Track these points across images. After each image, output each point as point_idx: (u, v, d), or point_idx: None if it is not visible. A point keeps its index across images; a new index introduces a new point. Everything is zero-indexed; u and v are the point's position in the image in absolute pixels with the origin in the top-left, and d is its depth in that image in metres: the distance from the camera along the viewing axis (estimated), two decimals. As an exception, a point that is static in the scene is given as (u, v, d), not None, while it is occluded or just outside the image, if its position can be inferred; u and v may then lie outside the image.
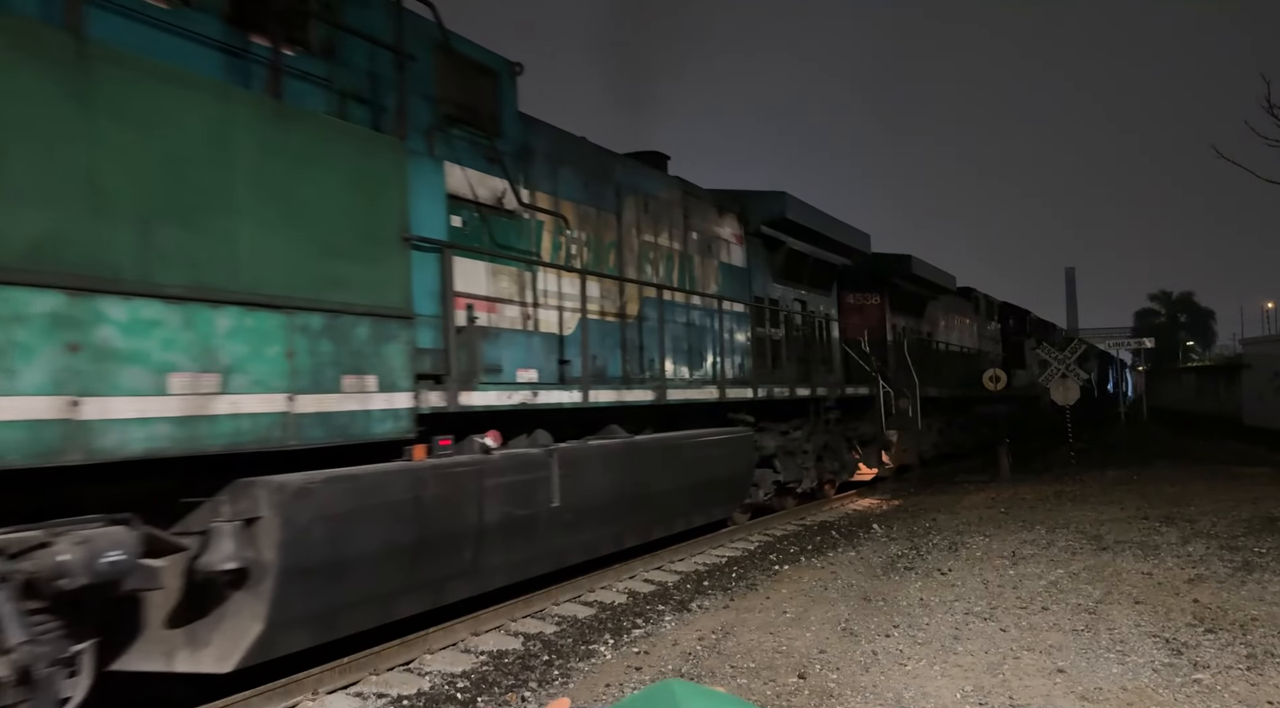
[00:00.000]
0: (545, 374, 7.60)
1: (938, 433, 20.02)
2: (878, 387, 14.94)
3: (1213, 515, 11.26)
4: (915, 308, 19.16)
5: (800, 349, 13.15)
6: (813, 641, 6.26)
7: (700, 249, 10.84)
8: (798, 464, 12.44)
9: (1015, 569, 8.41)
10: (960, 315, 23.42)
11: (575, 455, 7.51)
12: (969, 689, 5.11)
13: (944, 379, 19.93)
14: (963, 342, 23.35)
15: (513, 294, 7.50)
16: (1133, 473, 17.41)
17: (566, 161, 8.48)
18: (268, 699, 5.24)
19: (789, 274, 13.23)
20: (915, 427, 16.62)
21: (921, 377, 17.11)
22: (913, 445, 17.40)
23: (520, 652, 6.39)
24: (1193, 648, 5.75)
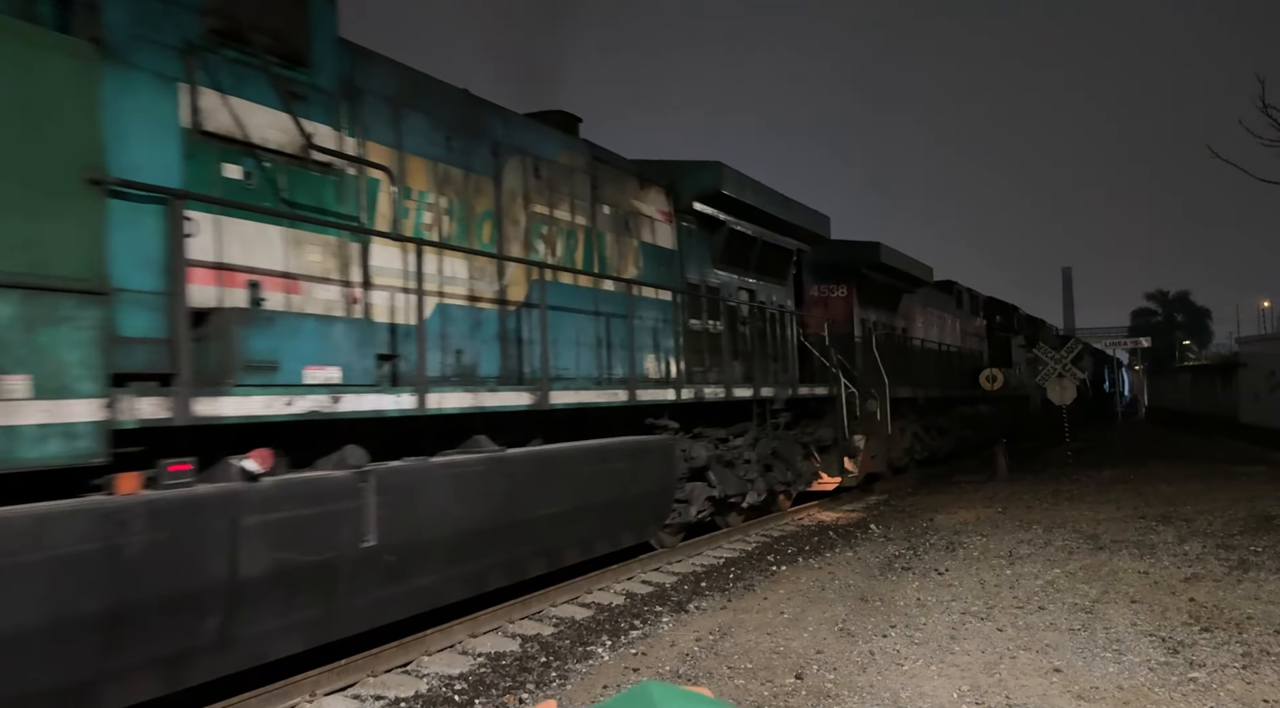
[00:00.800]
0: (355, 373, 5.51)
1: (912, 437, 18.32)
2: (839, 387, 13.43)
3: (1209, 514, 11.28)
4: (887, 301, 17.70)
5: (747, 345, 11.59)
6: (810, 641, 6.28)
7: (614, 226, 9.21)
8: (739, 476, 10.76)
9: (1012, 569, 8.43)
10: (940, 311, 21.83)
11: (407, 478, 5.82)
12: (966, 689, 5.12)
13: (921, 379, 18.47)
14: (943, 338, 21.67)
15: (329, 270, 5.78)
16: (1129, 472, 17.44)
17: (416, 108, 6.78)
18: (265, 701, 5.24)
19: (733, 259, 11.69)
20: (884, 431, 15.16)
21: (894, 376, 15.81)
22: (881, 451, 15.62)
23: (518, 654, 6.40)
24: (1189, 647, 5.77)
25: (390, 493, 5.61)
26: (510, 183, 7.82)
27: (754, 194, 11.53)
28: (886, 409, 15.05)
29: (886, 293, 17.57)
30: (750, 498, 11.17)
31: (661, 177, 10.35)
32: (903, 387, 16.47)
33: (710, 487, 10.10)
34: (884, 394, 14.97)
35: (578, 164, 8.86)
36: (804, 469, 12.83)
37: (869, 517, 12.87)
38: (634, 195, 9.71)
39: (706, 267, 11.10)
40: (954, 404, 21.16)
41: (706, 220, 11.08)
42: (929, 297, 20.87)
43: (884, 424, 15.09)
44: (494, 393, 6.76)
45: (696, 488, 9.91)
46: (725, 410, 10.71)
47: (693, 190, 10.61)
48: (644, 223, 9.82)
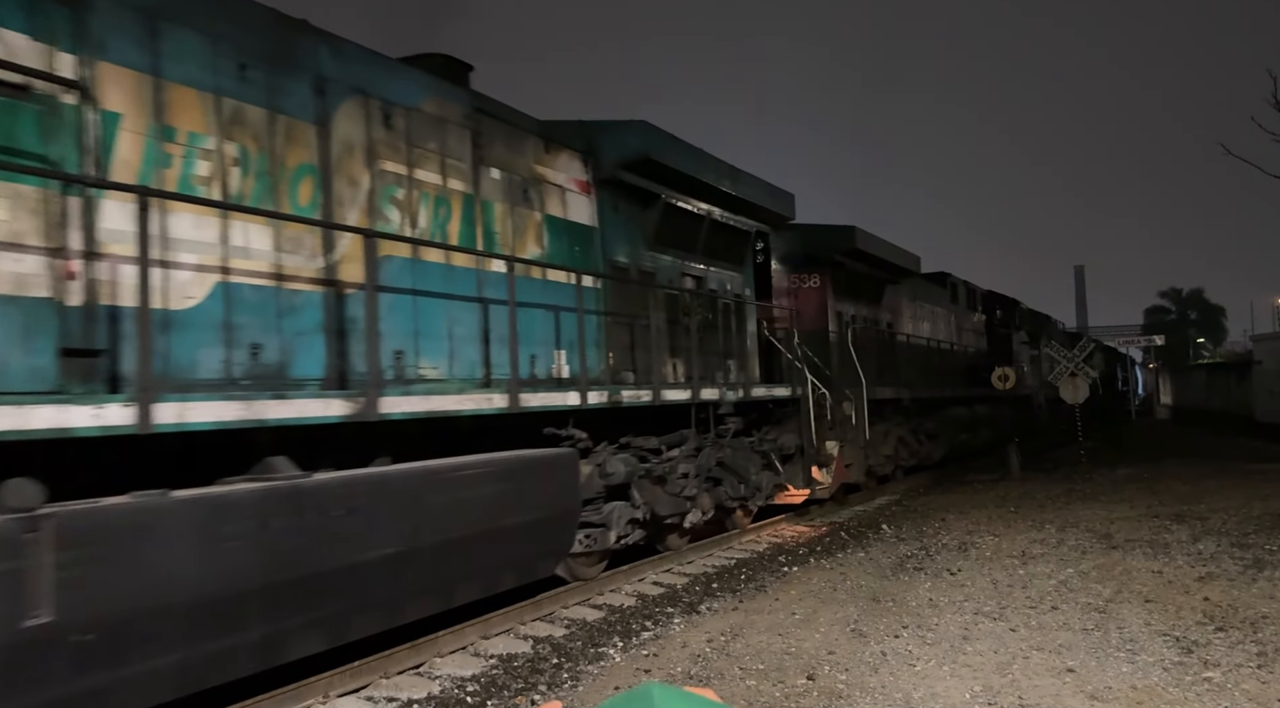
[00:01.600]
0: (13, 374, 4.06)
1: (897, 442, 16.53)
2: (806, 387, 11.86)
3: (1223, 513, 11.22)
4: (869, 293, 16.14)
5: (689, 340, 9.68)
6: (821, 642, 6.27)
7: (506, 194, 7.54)
8: (674, 493, 9.03)
9: (1025, 569, 8.40)
10: (933, 305, 20.22)
11: (114, 523, 4.11)
12: (978, 689, 5.11)
13: (908, 378, 17.07)
14: (936, 334, 20.08)
15: (21, 234, 4.20)
16: (1143, 471, 17.35)
17: (186, 24, 5.17)
18: (278, 703, 5.27)
19: (674, 239, 10.05)
20: (861, 436, 13.56)
21: (875, 375, 14.55)
22: (859, 459, 13.93)
23: (530, 655, 6.41)
24: (1203, 646, 5.74)
25: (81, 546, 3.92)
26: (345, 132, 6.13)
27: (693, 162, 9.84)
28: (864, 412, 13.52)
29: (868, 284, 16.07)
30: (693, 517, 9.53)
31: (575, 139, 8.64)
32: (885, 387, 15.23)
33: (634, 507, 8.38)
34: (861, 395, 13.50)
35: (452, 115, 7.08)
36: (764, 481, 11.00)
37: (881, 517, 12.83)
38: (537, 159, 8.00)
39: (639, 247, 9.45)
40: (947, 406, 19.65)
41: (637, 193, 9.40)
42: (919, 289, 19.37)
43: (860, 429, 13.50)
44: (288, 401, 4.95)
45: (617, 509, 8.17)
46: (662, 417, 9.10)
47: (615, 156, 8.87)
48: (551, 193, 8.15)
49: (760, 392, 11.01)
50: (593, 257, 8.67)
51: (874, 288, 16.42)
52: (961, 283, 22.84)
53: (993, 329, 25.04)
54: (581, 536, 7.87)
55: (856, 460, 13.78)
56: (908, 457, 17.22)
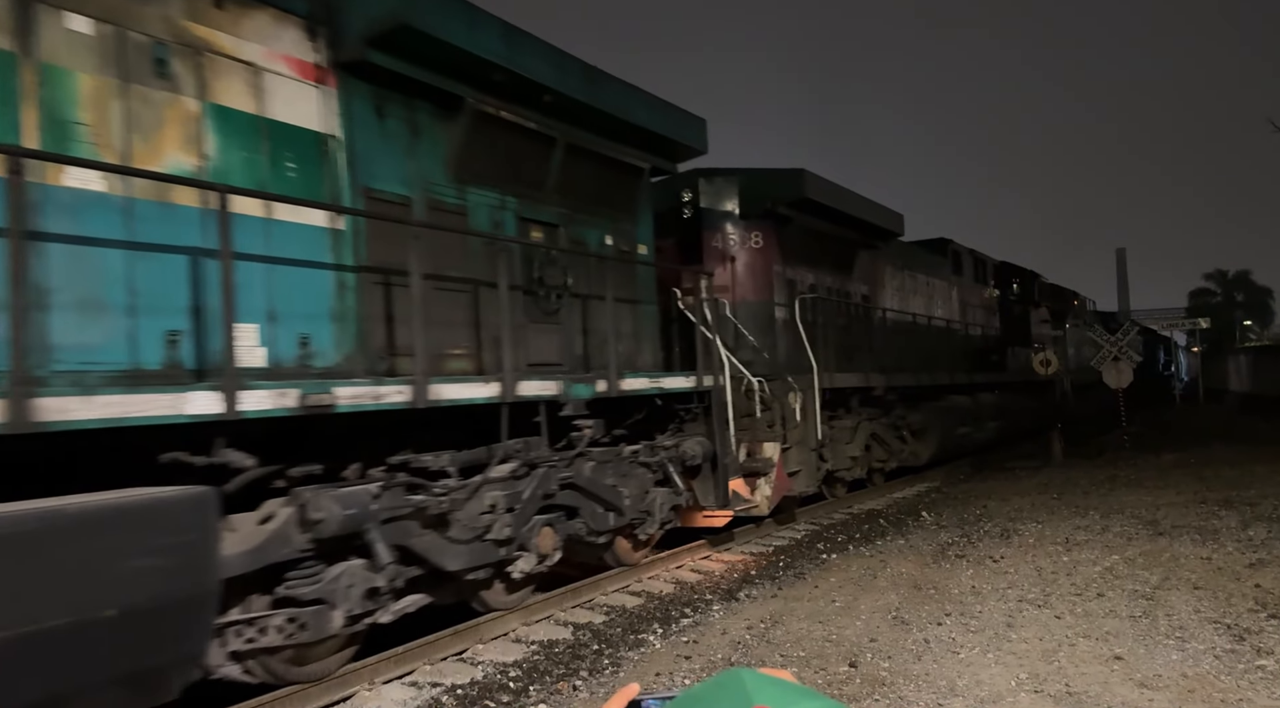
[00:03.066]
0: None
1: (869, 440, 13.54)
2: (723, 375, 9.06)
3: (1274, 498, 10.98)
4: (833, 258, 13.17)
5: (503, 308, 6.36)
6: (863, 629, 6.24)
7: (110, 61, 4.63)
8: (470, 536, 6.05)
9: (1069, 556, 8.29)
10: (928, 276, 17.24)
11: None
12: (1024, 677, 5.05)
13: (889, 361, 14.27)
14: (932, 310, 17.15)
15: None
16: (1189, 456, 17.02)
17: None
18: (326, 690, 5.36)
19: (499, 169, 7.03)
20: (812, 434, 10.88)
21: (839, 358, 12.40)
22: (809, 463, 10.97)
23: (570, 641, 6.45)
24: (1255, 634, 5.63)
25: None
26: None
27: (506, 46, 6.63)
28: (815, 404, 10.85)
29: (831, 246, 13.12)
30: (526, 564, 6.54)
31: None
32: (852, 372, 12.71)
33: (380, 569, 5.34)
34: (812, 384, 10.84)
35: None
36: (654, 505, 8.07)
37: (920, 504, 12.72)
38: (194, 13, 5.06)
39: (432, 174, 6.46)
40: (942, 394, 16.42)
41: (424, 94, 6.40)
42: (910, 257, 16.60)
43: (810, 425, 10.85)
44: None
45: (345, 575, 5.22)
46: (475, 422, 6.18)
47: (367, 26, 5.79)
48: (227, 73, 5.19)
49: (638, 383, 7.82)
50: (329, 181, 5.73)
51: (841, 252, 13.42)
52: (967, 252, 19.89)
53: (1007, 306, 22.12)
54: (280, 620, 4.97)
55: (807, 465, 10.88)
56: (885, 457, 14.25)
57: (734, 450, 9.28)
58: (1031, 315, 23.48)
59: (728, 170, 11.45)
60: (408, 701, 5.38)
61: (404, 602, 5.69)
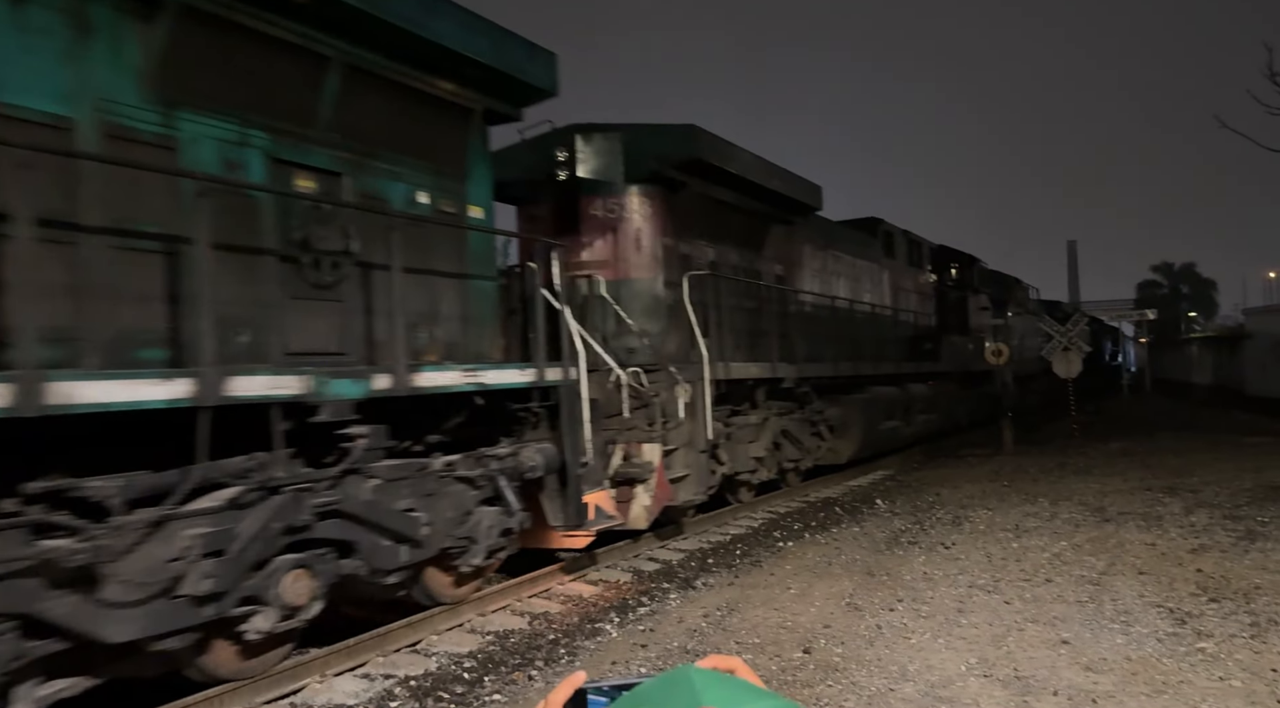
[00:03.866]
0: None
1: (781, 438, 12.12)
2: (575, 366, 7.46)
3: (1216, 485, 11.27)
4: (739, 233, 11.70)
5: (293, 284, 5.53)
6: (817, 616, 6.29)
7: None
8: (141, 596, 4.32)
9: (1019, 542, 8.43)
10: (856, 256, 15.79)
11: None
12: (974, 662, 5.13)
13: (805, 350, 12.85)
14: (859, 294, 15.71)
15: None
16: (1135, 444, 17.42)
17: None
18: (276, 683, 5.28)
19: (230, 87, 5.25)
20: (701, 434, 9.40)
21: (741, 345, 11.05)
22: (699, 466, 9.46)
23: (527, 631, 6.43)
24: (1196, 617, 5.77)
25: None
26: None
27: None
28: (704, 399, 9.37)
29: (738, 219, 11.65)
30: (263, 622, 4.97)
31: None
32: (757, 362, 11.30)
33: None
34: (702, 376, 9.40)
35: None
36: (479, 529, 6.50)
37: (874, 492, 12.86)
38: None
39: (116, 89, 4.70)
40: (867, 385, 15.08)
41: None
42: (835, 236, 15.15)
43: (700, 423, 9.37)
44: None
45: None
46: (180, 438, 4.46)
47: None
48: None
49: (444, 378, 6.06)
50: None
51: (748, 226, 11.93)
52: (900, 233, 18.43)
53: (945, 291, 20.77)
54: None
55: (696, 469, 9.38)
56: (798, 455, 12.79)
57: (591, 456, 7.48)
58: (970, 302, 22.14)
59: (610, 126, 9.74)
60: (359, 693, 5.32)
61: (45, 691, 4.14)
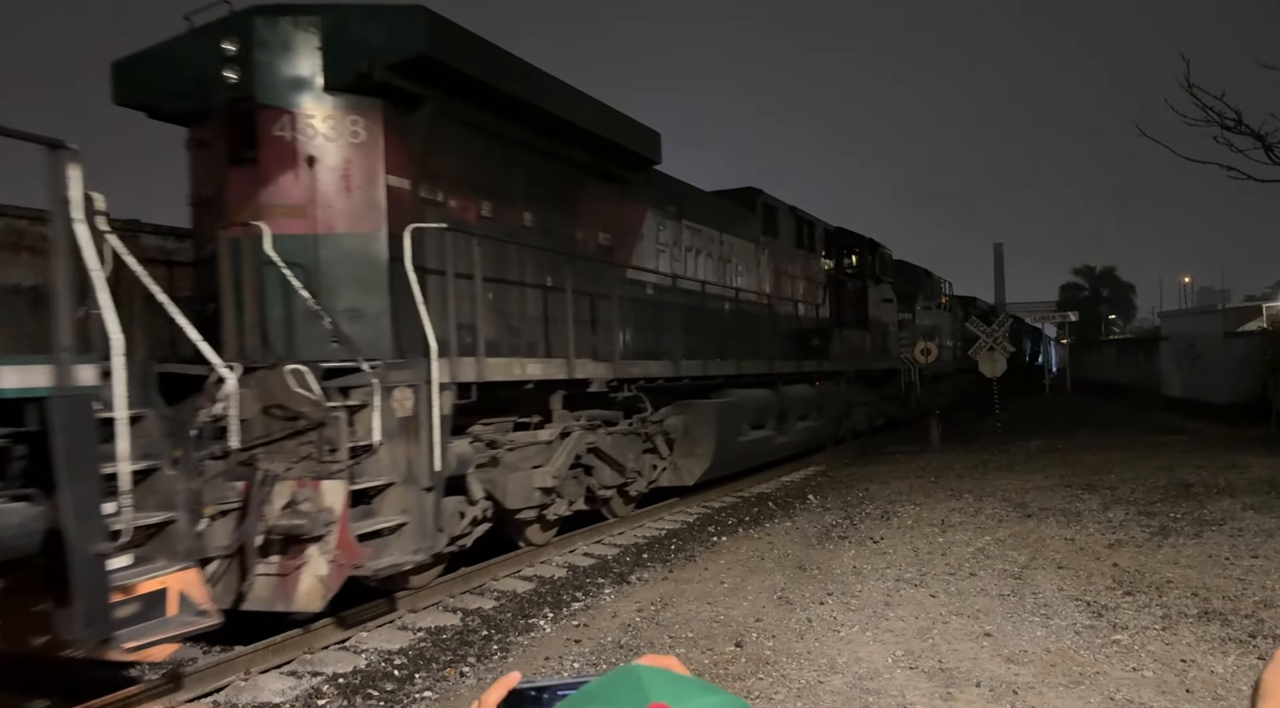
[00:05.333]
0: None
1: (590, 458, 9.25)
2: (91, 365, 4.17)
3: (1132, 483, 11.69)
4: (531, 183, 8.49)
5: None
6: (749, 609, 6.36)
7: None
8: None
9: (944, 537, 8.64)
10: (725, 232, 13.03)
11: None
12: (900, 654, 5.24)
13: (636, 343, 10.14)
14: (727, 278, 12.98)
15: None
16: (1056, 442, 17.96)
17: None
18: (198, 681, 5.15)
19: None
20: (426, 464, 6.26)
21: (526, 333, 8.27)
22: (425, 513, 6.31)
23: (459, 628, 6.37)
24: (1112, 610, 5.98)
25: None
26: None
27: None
28: (434, 412, 6.24)
29: (533, 167, 8.49)
30: None
31: None
32: (535, 358, 8.17)
33: None
34: (428, 376, 6.26)
35: None
36: None
37: (807, 487, 13.04)
38: None
39: None
40: (726, 388, 12.21)
41: None
42: (695, 205, 12.19)
43: (425, 448, 6.26)
44: None
45: None
46: None
47: None
48: None
49: None
50: None
51: (552, 178, 8.80)
52: (786, 209, 15.49)
53: (842, 280, 18.25)
54: None
55: (418, 515, 6.28)
56: (619, 480, 9.75)
57: (115, 515, 4.24)
58: (870, 293, 19.60)
59: (304, 7, 6.72)
60: (285, 691, 5.21)
61: None
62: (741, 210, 14.07)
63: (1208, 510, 9.46)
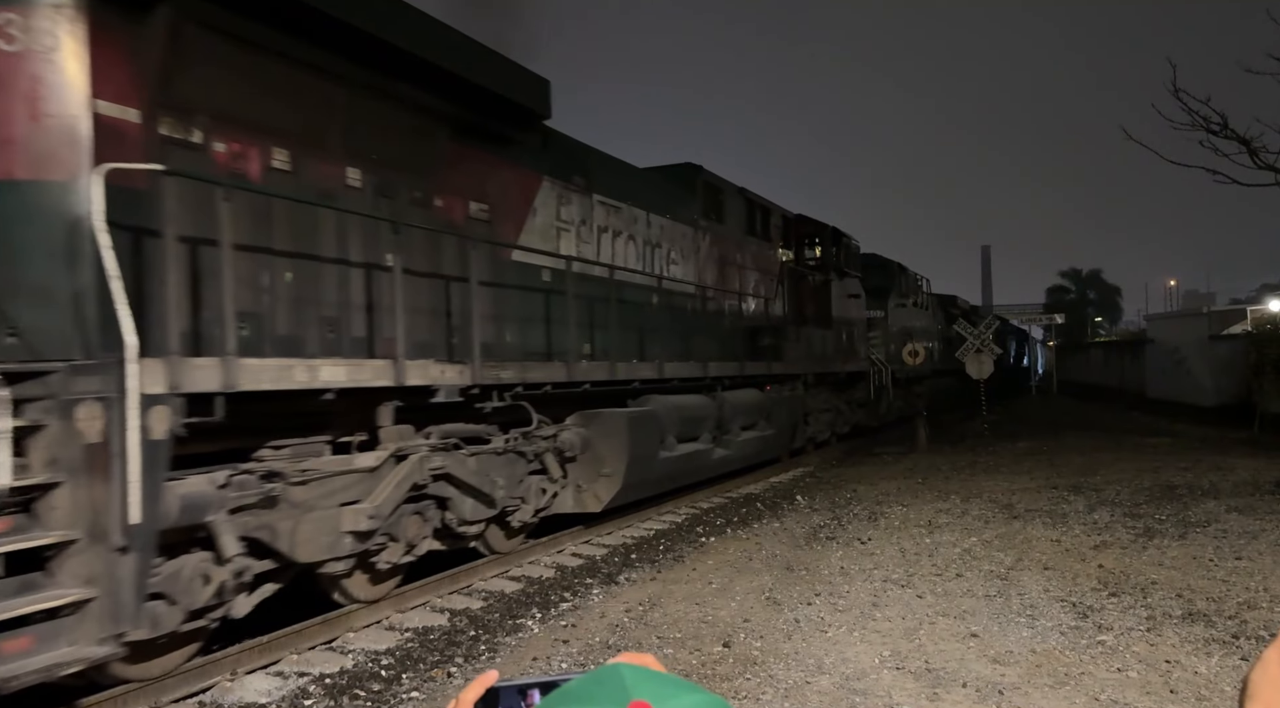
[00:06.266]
0: None
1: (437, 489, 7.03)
2: None
3: (1117, 484, 11.75)
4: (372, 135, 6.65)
5: None
6: (737, 610, 6.37)
7: None
8: None
9: (931, 538, 8.67)
10: (655, 213, 11.12)
11: None
12: (887, 654, 5.26)
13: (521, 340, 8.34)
14: (656, 265, 11.09)
15: None
16: (1043, 444, 18.05)
17: None
18: (184, 681, 5.12)
19: None
20: (117, 513, 4.23)
21: (315, 324, 6.10)
22: (126, 586, 4.28)
23: (446, 628, 6.36)
24: (1098, 611, 6.02)
25: None
26: None
27: None
28: (130, 437, 4.30)
29: (366, 112, 6.58)
30: None
31: None
32: (333, 361, 5.87)
33: None
34: (121, 388, 4.31)
35: None
36: None
37: (795, 488, 13.07)
38: None
39: None
40: (644, 394, 10.28)
41: None
42: (607, 175, 10.10)
43: (114, 491, 4.27)
44: None
45: None
46: None
47: None
48: None
49: None
50: None
51: (398, 126, 6.95)
52: (734, 190, 13.81)
53: (801, 274, 16.54)
54: None
55: (108, 591, 4.30)
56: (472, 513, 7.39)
57: None
58: (834, 288, 17.96)
59: None
60: (272, 691, 5.19)
61: None
62: (677, 189, 12.20)
63: (1192, 512, 9.53)
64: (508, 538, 8.47)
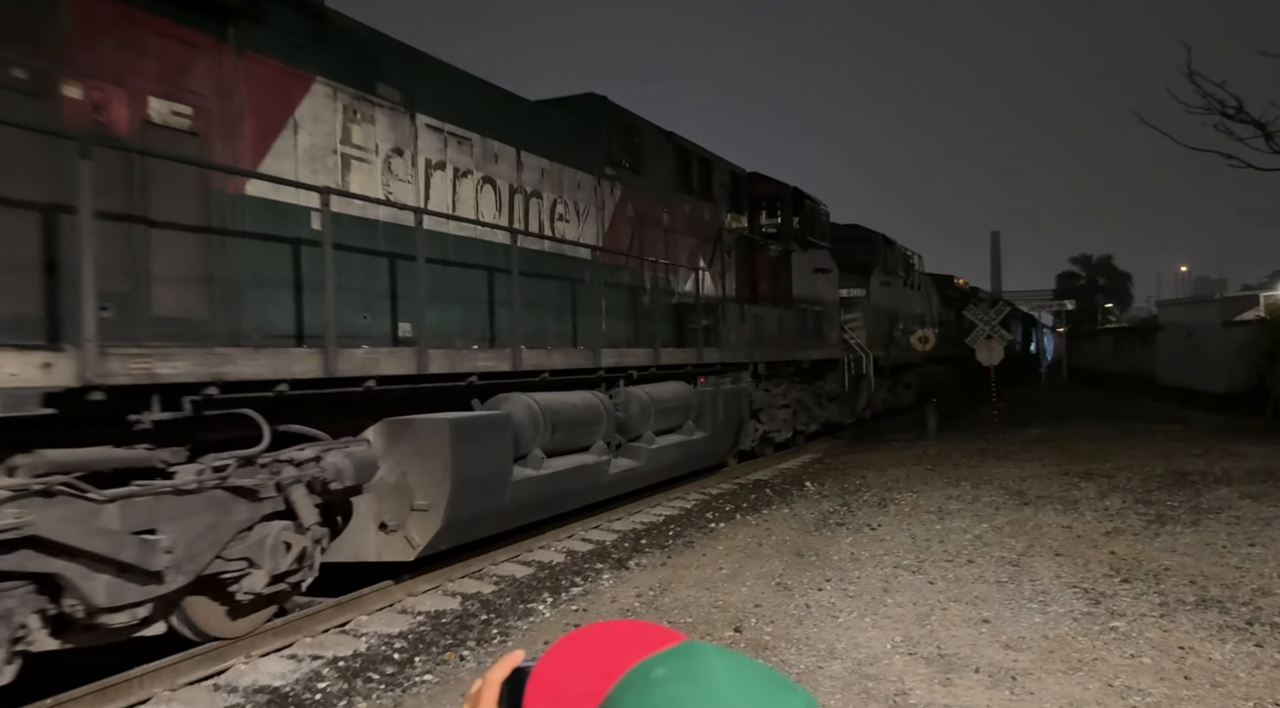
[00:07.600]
0: None
1: None
2: None
3: (1128, 471, 11.72)
4: None
5: None
6: (748, 595, 6.38)
7: None
8: None
9: (942, 524, 8.66)
10: (533, 152, 8.45)
11: None
12: (899, 640, 5.26)
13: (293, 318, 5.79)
14: (542, 223, 8.59)
15: None
16: (1053, 431, 18.00)
17: None
18: (199, 664, 5.16)
19: None
20: None
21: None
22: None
23: (459, 612, 6.39)
24: (1110, 597, 6.00)
25: None
26: None
27: None
28: None
29: None
30: None
31: None
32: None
33: None
34: None
35: None
36: None
37: (804, 475, 13.06)
38: None
39: None
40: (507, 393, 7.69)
41: None
42: (450, 97, 7.47)
43: None
44: None
45: None
46: None
47: None
48: None
49: None
50: None
51: None
52: (661, 136, 11.33)
53: (756, 243, 13.91)
54: None
55: None
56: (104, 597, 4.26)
57: None
58: (796, 260, 14.83)
59: None
60: (286, 674, 5.22)
61: None
62: (573, 126, 9.45)
63: (1205, 499, 9.49)
64: (234, 619, 5.54)
